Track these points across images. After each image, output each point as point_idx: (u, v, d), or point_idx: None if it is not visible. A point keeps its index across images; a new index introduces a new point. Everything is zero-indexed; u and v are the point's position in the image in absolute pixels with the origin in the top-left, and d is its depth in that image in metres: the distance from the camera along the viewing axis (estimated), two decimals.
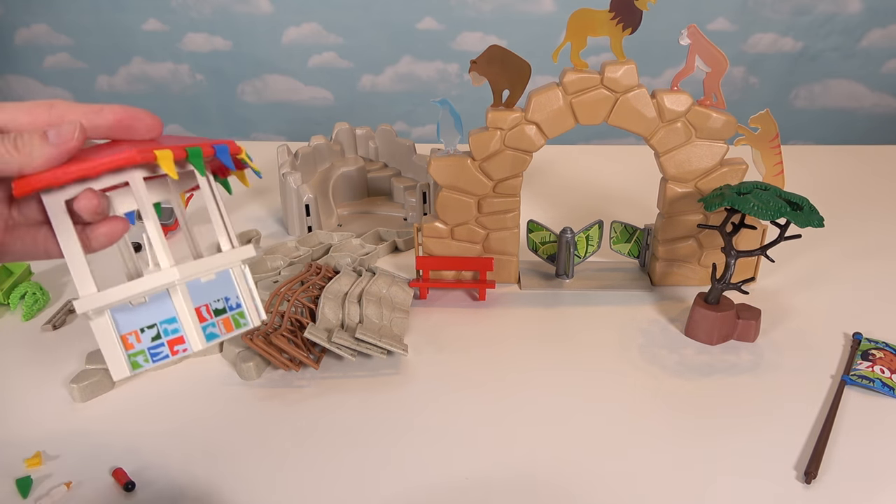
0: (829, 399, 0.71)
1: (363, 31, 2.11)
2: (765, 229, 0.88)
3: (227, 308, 0.42)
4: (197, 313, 0.40)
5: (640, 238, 0.94)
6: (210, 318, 0.41)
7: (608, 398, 0.73)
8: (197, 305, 0.40)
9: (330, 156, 1.19)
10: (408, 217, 1.13)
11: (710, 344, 0.80)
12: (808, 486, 0.61)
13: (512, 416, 0.70)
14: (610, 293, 0.92)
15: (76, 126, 0.36)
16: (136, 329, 0.40)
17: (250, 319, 0.43)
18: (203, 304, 0.40)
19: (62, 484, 0.61)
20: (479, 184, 0.87)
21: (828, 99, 2.16)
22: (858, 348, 0.78)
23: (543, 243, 0.92)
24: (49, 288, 0.92)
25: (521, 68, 0.81)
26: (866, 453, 0.65)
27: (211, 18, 2.09)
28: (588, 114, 0.82)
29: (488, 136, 0.83)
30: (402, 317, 0.83)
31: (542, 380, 0.75)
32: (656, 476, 0.63)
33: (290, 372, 0.76)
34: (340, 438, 0.67)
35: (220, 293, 0.42)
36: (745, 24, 2.03)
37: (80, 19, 2.07)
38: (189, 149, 0.38)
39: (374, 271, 0.89)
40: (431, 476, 0.63)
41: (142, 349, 0.40)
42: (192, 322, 0.40)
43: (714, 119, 0.82)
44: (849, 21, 2.03)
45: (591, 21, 0.80)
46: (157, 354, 0.40)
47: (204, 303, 0.41)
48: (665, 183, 0.88)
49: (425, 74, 2.17)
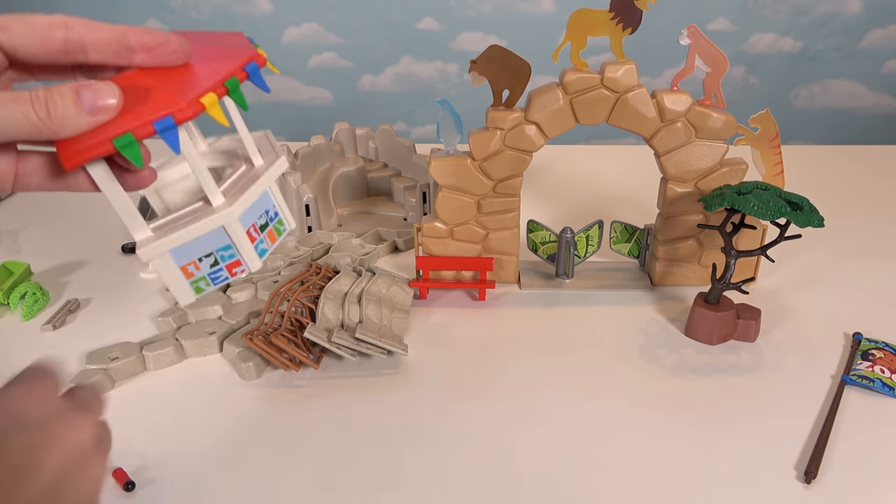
0: (829, 399, 0.71)
1: (363, 31, 2.11)
2: (765, 229, 0.88)
3: (268, 221, 0.44)
4: (247, 236, 0.41)
5: (640, 238, 0.94)
6: (258, 236, 0.43)
7: (608, 398, 0.73)
8: (246, 229, 0.41)
9: (330, 156, 1.19)
10: (408, 217, 1.13)
11: (710, 344, 0.80)
12: (808, 486, 0.61)
13: (512, 416, 0.70)
14: (610, 293, 0.92)
15: (114, 92, 0.32)
16: (195, 259, 0.41)
17: (287, 224, 0.45)
18: (250, 226, 0.42)
19: None
20: (479, 184, 0.87)
21: (828, 99, 2.16)
22: (858, 348, 0.78)
23: (543, 243, 0.92)
24: (49, 288, 0.92)
25: (521, 68, 0.81)
26: (866, 453, 0.65)
27: (211, 18, 2.09)
28: (588, 114, 0.82)
29: (488, 136, 0.83)
30: (402, 317, 0.83)
31: (542, 379, 0.75)
32: (656, 476, 0.63)
33: (290, 372, 0.76)
34: (340, 438, 0.67)
35: (261, 209, 0.43)
36: (745, 24, 2.03)
37: None
38: (228, 83, 0.37)
39: (374, 271, 0.89)
40: (431, 476, 0.63)
41: (202, 276, 0.42)
42: (246, 246, 0.41)
43: (714, 119, 0.82)
44: (849, 21, 2.03)
45: (591, 21, 0.80)
46: (217, 278, 0.42)
47: (251, 224, 0.42)
48: (665, 183, 0.88)
49: (425, 74, 2.17)
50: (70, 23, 0.34)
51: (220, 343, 0.80)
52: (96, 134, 0.32)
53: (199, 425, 0.70)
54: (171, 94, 0.34)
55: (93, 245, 1.07)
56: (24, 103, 0.31)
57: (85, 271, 1.00)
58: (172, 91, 0.35)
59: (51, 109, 0.31)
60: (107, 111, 0.32)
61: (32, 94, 0.31)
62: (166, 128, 0.33)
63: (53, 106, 0.31)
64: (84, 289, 0.95)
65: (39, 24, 0.34)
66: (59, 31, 0.34)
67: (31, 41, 0.33)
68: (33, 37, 0.33)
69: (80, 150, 0.32)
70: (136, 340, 0.81)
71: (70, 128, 0.31)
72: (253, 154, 0.43)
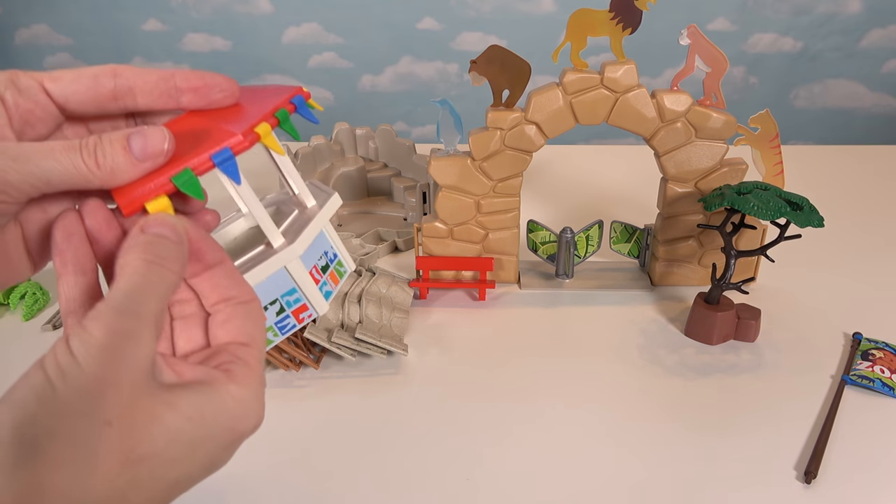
0: (829, 399, 0.71)
1: (363, 31, 2.11)
2: (765, 229, 0.88)
3: (328, 263, 0.43)
4: (311, 277, 0.40)
5: (640, 238, 0.94)
6: (321, 278, 0.42)
7: (608, 398, 0.73)
8: (308, 270, 0.40)
9: (330, 156, 1.19)
10: (408, 217, 1.13)
11: (710, 344, 0.80)
12: (808, 486, 0.61)
13: (512, 416, 0.70)
14: (610, 293, 0.92)
15: (164, 137, 0.31)
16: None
17: (347, 266, 0.44)
18: (312, 267, 0.41)
19: None
20: (479, 184, 0.87)
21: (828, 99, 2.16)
22: (858, 348, 0.78)
23: (543, 243, 0.92)
24: (49, 288, 0.92)
25: (521, 68, 0.81)
26: (866, 453, 0.65)
27: (211, 18, 2.09)
28: (588, 114, 0.82)
29: (488, 136, 0.83)
30: (402, 317, 0.83)
31: (542, 379, 0.75)
32: (656, 476, 0.63)
33: (290, 372, 0.76)
34: (340, 438, 0.67)
35: (320, 250, 0.42)
36: (745, 24, 2.03)
37: (80, 19, 2.06)
38: (279, 114, 0.36)
39: (374, 271, 0.89)
40: (431, 476, 0.63)
41: (269, 325, 0.40)
42: (311, 288, 0.40)
43: (714, 119, 0.82)
44: (849, 21, 2.03)
45: (591, 21, 0.80)
46: (284, 327, 0.41)
47: (312, 265, 0.41)
48: (665, 183, 0.88)
49: (425, 74, 2.17)
50: (118, 70, 0.34)
51: None
52: (153, 177, 0.31)
53: None
54: (225, 128, 0.34)
55: None
56: (73, 152, 0.30)
57: None
58: (226, 126, 0.34)
59: (99, 158, 0.30)
60: (157, 156, 0.31)
61: (82, 142, 0.30)
62: (225, 160, 0.33)
63: (102, 154, 0.30)
64: None
65: (88, 73, 0.33)
66: (108, 78, 0.34)
67: (80, 89, 0.33)
68: (82, 85, 0.33)
69: (139, 195, 0.31)
70: None
71: (121, 176, 0.30)
72: (305, 195, 0.42)
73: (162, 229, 0.30)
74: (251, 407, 0.31)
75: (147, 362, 0.27)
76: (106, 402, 0.25)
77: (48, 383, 0.25)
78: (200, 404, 0.29)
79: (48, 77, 0.33)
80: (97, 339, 0.26)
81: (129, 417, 0.26)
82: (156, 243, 0.29)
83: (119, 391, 0.26)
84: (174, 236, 0.30)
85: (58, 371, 0.25)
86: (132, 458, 0.26)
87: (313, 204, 0.42)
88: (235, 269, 0.34)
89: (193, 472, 0.30)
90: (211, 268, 0.33)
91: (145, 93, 0.34)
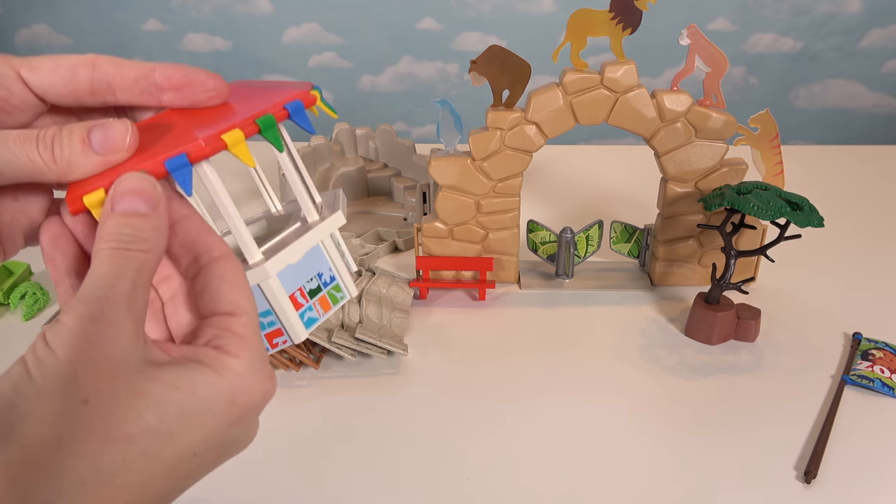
0: (829, 399, 0.71)
1: (363, 31, 2.11)
2: (765, 229, 0.88)
3: (321, 286, 0.38)
4: (292, 301, 0.36)
5: (640, 238, 0.94)
6: (306, 302, 0.37)
7: (608, 398, 0.73)
8: (290, 293, 0.36)
9: (330, 156, 1.19)
10: (408, 217, 1.13)
11: (710, 344, 0.80)
12: (808, 486, 0.61)
13: (511, 416, 0.70)
14: (610, 293, 0.92)
15: (126, 131, 0.29)
16: None
17: (347, 291, 0.39)
18: (296, 289, 0.36)
19: None
20: (479, 184, 0.87)
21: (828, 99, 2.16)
22: (858, 348, 0.78)
23: (543, 243, 0.92)
24: (49, 288, 0.92)
25: (521, 68, 0.81)
26: (866, 453, 0.65)
27: (211, 18, 2.09)
28: (588, 114, 0.82)
29: (488, 136, 0.83)
30: (402, 317, 0.83)
31: (542, 379, 0.75)
32: (656, 476, 0.63)
33: (290, 372, 0.76)
34: (340, 438, 0.67)
35: (312, 271, 0.37)
36: (745, 24, 2.03)
37: (80, 19, 2.06)
38: (260, 121, 0.32)
39: (374, 271, 0.89)
40: (431, 476, 0.63)
41: None
42: (288, 312, 0.36)
43: (714, 119, 0.82)
44: (849, 21, 2.03)
45: (590, 21, 0.80)
46: None
47: (297, 287, 0.36)
48: (665, 183, 0.88)
49: (425, 74, 2.17)
50: (98, 61, 0.32)
51: None
52: (106, 176, 0.29)
53: None
54: (191, 132, 0.31)
55: None
56: (29, 143, 0.28)
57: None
58: (196, 129, 0.31)
59: (55, 150, 0.28)
60: (117, 152, 0.29)
61: (40, 133, 0.28)
62: (178, 167, 0.30)
63: (59, 146, 0.28)
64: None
65: (66, 63, 0.31)
66: (86, 69, 0.31)
67: (58, 82, 0.31)
68: (59, 77, 0.31)
69: (86, 193, 0.29)
70: None
71: (78, 170, 0.29)
72: (306, 208, 0.37)
73: (132, 202, 0.28)
74: (250, 377, 0.29)
75: (125, 343, 0.26)
76: (80, 381, 0.25)
77: (26, 373, 0.25)
78: (191, 377, 0.27)
79: (26, 65, 0.31)
80: (69, 327, 0.25)
81: (107, 395, 0.25)
82: (122, 224, 0.28)
83: (94, 370, 0.25)
84: (145, 205, 0.28)
85: (35, 361, 0.25)
86: (115, 435, 0.25)
87: (315, 218, 0.37)
88: (204, 222, 0.31)
89: (196, 447, 0.28)
90: (176, 223, 0.30)
91: (124, 88, 0.32)
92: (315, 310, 0.37)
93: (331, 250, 0.38)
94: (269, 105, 0.33)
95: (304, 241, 0.36)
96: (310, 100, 0.35)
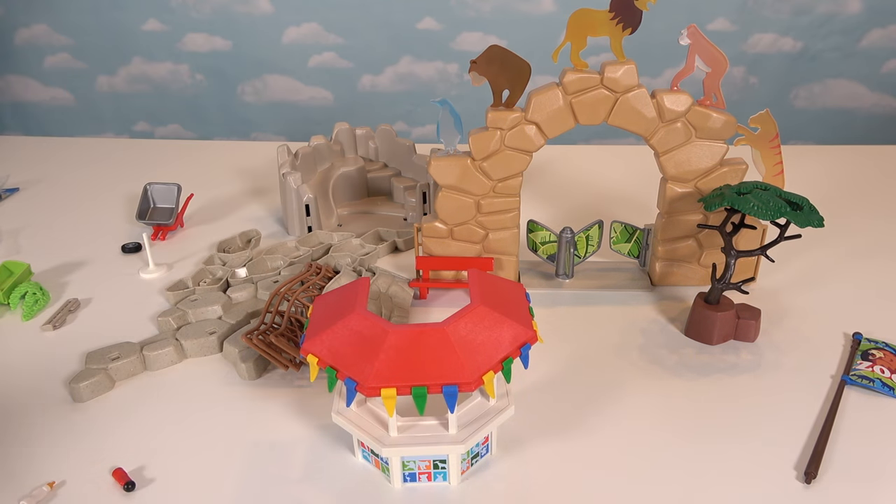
0: (829, 399, 0.71)
1: (363, 31, 2.11)
2: (765, 229, 0.88)
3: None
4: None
5: (640, 238, 0.94)
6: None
7: (608, 398, 0.72)
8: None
9: (330, 156, 1.19)
10: (408, 217, 1.13)
11: (710, 344, 0.80)
12: (808, 486, 0.61)
13: (511, 416, 0.70)
14: (610, 293, 0.91)
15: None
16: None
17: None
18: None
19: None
20: (479, 184, 0.87)
21: (828, 99, 2.15)
22: (858, 348, 0.78)
23: (543, 243, 0.92)
24: (49, 288, 0.92)
25: (521, 68, 0.81)
26: (866, 453, 0.65)
27: (211, 18, 2.09)
28: (588, 114, 0.82)
29: (488, 136, 0.83)
30: (402, 316, 0.83)
31: (542, 379, 0.75)
32: (656, 475, 0.63)
33: (290, 372, 0.76)
34: (340, 438, 0.67)
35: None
36: (745, 24, 2.03)
37: (80, 19, 2.06)
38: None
39: (374, 271, 0.89)
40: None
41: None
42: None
43: (714, 119, 0.82)
44: (849, 21, 2.03)
45: (591, 21, 0.80)
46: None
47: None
48: (665, 183, 0.88)
49: (425, 74, 2.16)
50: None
51: (220, 343, 0.80)
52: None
53: (199, 425, 0.70)
54: (465, 363, 0.53)
55: (93, 245, 1.07)
56: None
57: (85, 271, 1.00)
58: (468, 359, 0.53)
59: None
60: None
61: None
62: (450, 393, 0.52)
63: None
64: (84, 289, 0.95)
65: None
66: None
67: None
68: None
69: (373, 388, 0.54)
70: (136, 340, 0.81)
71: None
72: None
73: None
74: None
75: None
76: None
77: None
78: None
79: None
80: None
81: None
82: None
83: None
84: None
85: None
86: None
87: (493, 404, 0.59)
88: None
89: None
90: None
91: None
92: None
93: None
94: (512, 349, 0.56)
95: (487, 428, 0.61)
96: (534, 339, 0.58)
